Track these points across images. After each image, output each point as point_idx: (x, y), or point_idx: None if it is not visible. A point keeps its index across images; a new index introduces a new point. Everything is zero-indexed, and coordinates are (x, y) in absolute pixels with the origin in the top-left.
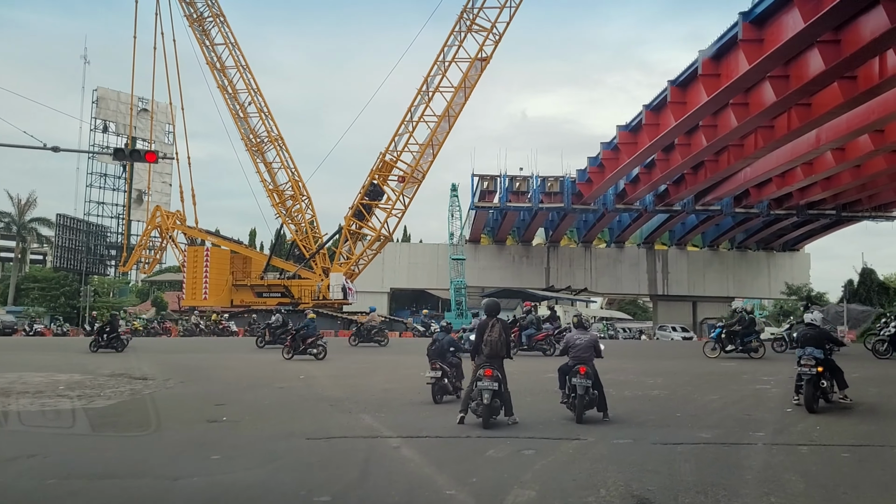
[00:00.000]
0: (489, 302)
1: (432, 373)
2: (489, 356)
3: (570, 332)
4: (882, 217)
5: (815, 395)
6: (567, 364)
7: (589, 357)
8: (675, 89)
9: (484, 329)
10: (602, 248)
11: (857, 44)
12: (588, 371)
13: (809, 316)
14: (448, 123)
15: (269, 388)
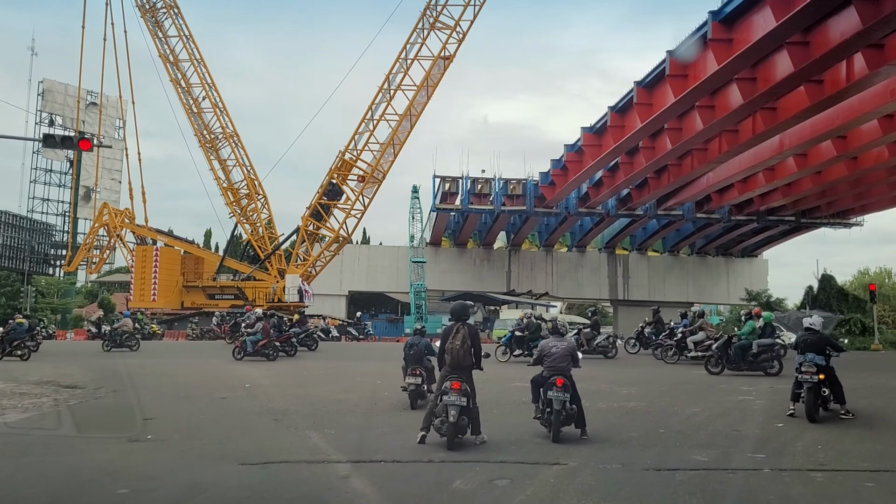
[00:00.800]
0: (456, 304)
1: (412, 379)
2: (452, 366)
3: (544, 340)
4: (840, 224)
5: (816, 405)
6: (542, 375)
7: (566, 367)
8: (641, 90)
9: (448, 335)
10: (563, 252)
11: (826, 46)
12: (566, 383)
13: (809, 320)
14: (410, 123)
15: (208, 399)
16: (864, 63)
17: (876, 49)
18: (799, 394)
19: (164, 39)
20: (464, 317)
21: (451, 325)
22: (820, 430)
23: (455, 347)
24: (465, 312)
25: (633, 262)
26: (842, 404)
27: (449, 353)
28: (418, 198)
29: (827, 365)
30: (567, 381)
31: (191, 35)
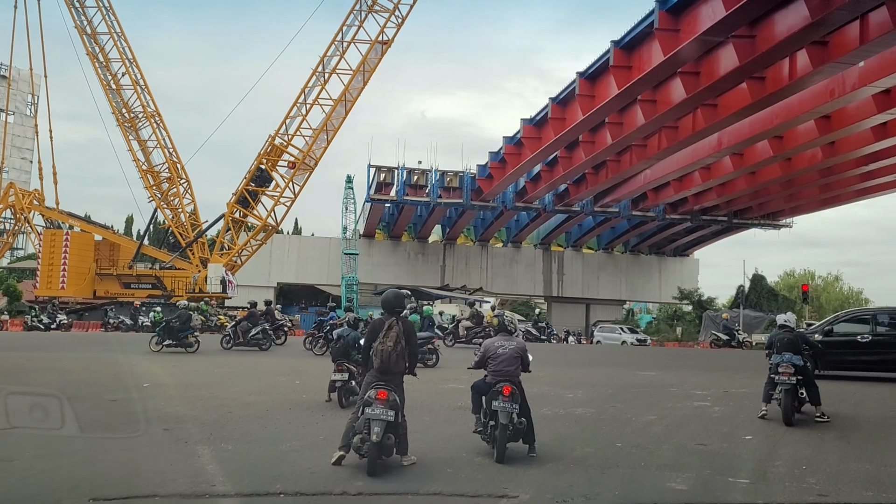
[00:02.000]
0: (389, 293)
1: (337, 375)
2: (381, 371)
3: (489, 339)
4: (770, 225)
5: (793, 407)
6: (485, 381)
7: (515, 372)
8: (583, 81)
9: (376, 332)
10: (499, 247)
11: (772, 41)
12: (514, 391)
13: (783, 317)
14: (345, 108)
15: (94, 402)
16: (807, 60)
17: (820, 46)
18: (772, 395)
19: (80, 10)
20: (398, 309)
21: (380, 320)
22: (793, 443)
23: (386, 349)
24: (399, 304)
25: (567, 259)
26: (817, 406)
27: (378, 354)
28: (352, 188)
29: (804, 365)
30: (515, 390)
31: (111, 7)
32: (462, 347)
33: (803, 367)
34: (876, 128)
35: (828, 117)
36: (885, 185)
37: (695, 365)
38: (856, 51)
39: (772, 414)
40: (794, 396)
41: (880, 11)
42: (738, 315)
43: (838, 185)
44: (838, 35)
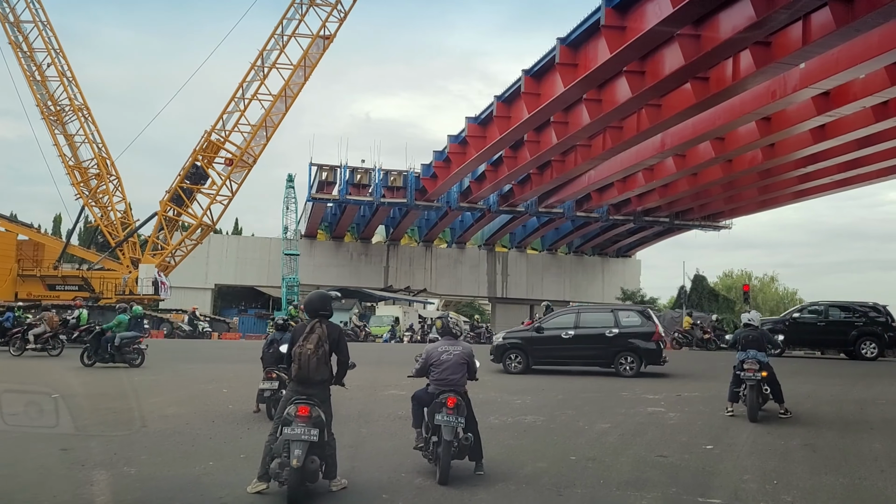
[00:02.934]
0: (313, 295)
1: (266, 384)
2: (300, 380)
3: (429, 345)
4: (710, 226)
5: (758, 404)
6: (427, 391)
7: (460, 380)
8: (529, 79)
9: (298, 337)
10: (443, 248)
11: (716, 40)
12: (459, 403)
13: (747, 316)
14: (285, 104)
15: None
16: (751, 61)
17: (763, 47)
18: (737, 392)
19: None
20: (323, 311)
21: (303, 324)
22: (758, 453)
23: (305, 353)
24: (323, 305)
25: (512, 260)
26: (780, 403)
27: (296, 359)
28: (293, 187)
29: (767, 363)
30: (461, 401)
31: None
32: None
33: (768, 365)
34: (814, 130)
35: (768, 119)
36: (822, 188)
37: None
38: (798, 52)
39: (738, 412)
40: (760, 392)
41: (823, 12)
42: (681, 315)
43: (776, 186)
44: (781, 36)
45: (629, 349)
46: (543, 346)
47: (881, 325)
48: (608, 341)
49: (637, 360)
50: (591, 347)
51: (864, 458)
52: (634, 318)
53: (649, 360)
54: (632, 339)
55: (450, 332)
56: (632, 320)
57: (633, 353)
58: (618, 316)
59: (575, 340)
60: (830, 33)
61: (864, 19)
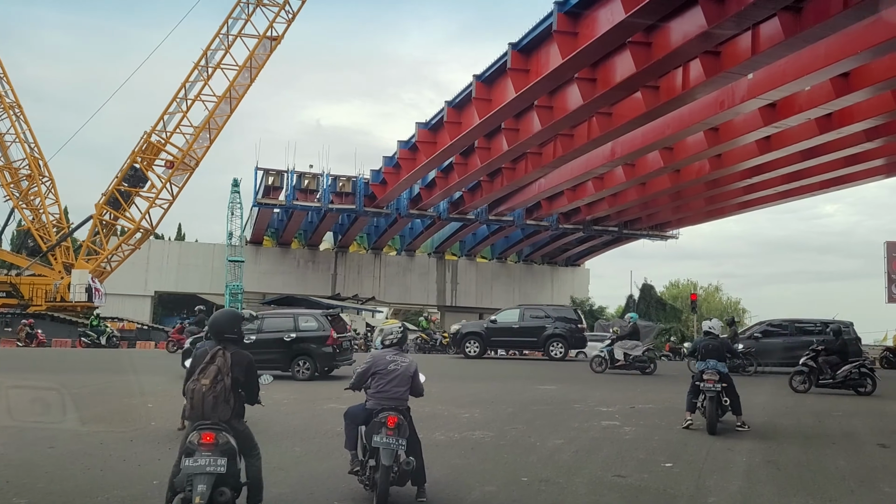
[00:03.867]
0: (219, 316)
1: None
2: (191, 418)
3: (376, 352)
4: (658, 236)
5: (717, 415)
6: (364, 407)
7: (404, 395)
8: (480, 84)
9: (197, 365)
10: (392, 255)
11: (668, 48)
12: (401, 423)
13: (708, 323)
14: (229, 106)
15: None
16: (700, 70)
17: (713, 56)
18: (695, 403)
19: None
20: (229, 335)
21: (203, 350)
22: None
23: (199, 390)
24: (231, 327)
25: (461, 268)
26: (738, 415)
27: (188, 396)
28: (239, 192)
29: (727, 373)
30: (402, 420)
31: None
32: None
33: (727, 375)
34: (760, 141)
35: (716, 129)
36: (765, 199)
37: (595, 378)
38: (747, 62)
39: (697, 422)
40: (719, 404)
41: (772, 23)
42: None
43: (722, 197)
44: (730, 45)
45: (305, 353)
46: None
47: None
48: (287, 345)
49: (312, 364)
50: (269, 352)
51: (830, 477)
52: (312, 322)
53: (324, 364)
54: (308, 343)
55: (401, 342)
56: (309, 324)
57: (308, 356)
58: (297, 320)
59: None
60: (778, 44)
61: (811, 30)
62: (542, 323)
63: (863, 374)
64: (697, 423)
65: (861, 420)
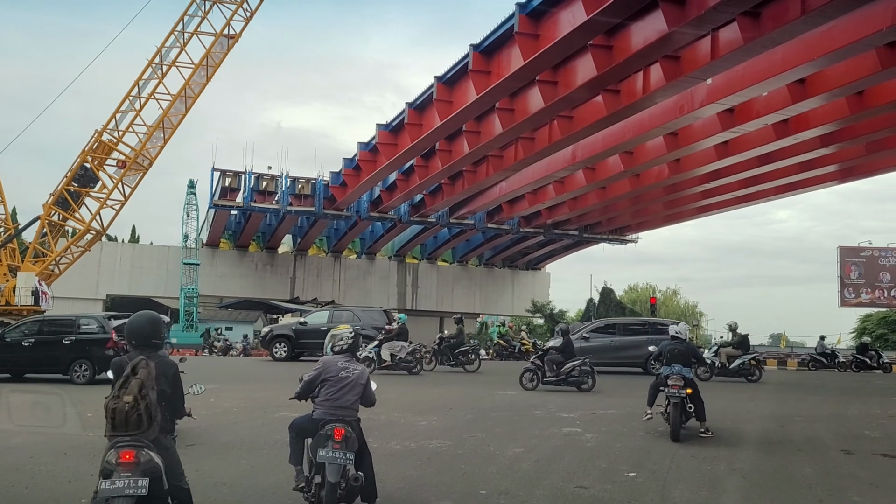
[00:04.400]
0: (138, 320)
1: None
2: (116, 429)
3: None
4: (618, 240)
5: (681, 422)
6: (311, 417)
7: (354, 405)
8: (441, 86)
9: (118, 376)
10: (353, 258)
11: (629, 51)
12: (348, 435)
13: (675, 327)
14: (185, 105)
15: None
16: (661, 74)
17: (673, 61)
18: (655, 397)
19: None
20: (155, 340)
21: (120, 359)
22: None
23: (121, 409)
24: (155, 332)
25: (422, 272)
26: (702, 421)
27: (109, 415)
28: (195, 193)
29: (692, 378)
30: (351, 433)
31: None
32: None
33: (692, 381)
34: (718, 146)
35: (676, 134)
36: (723, 203)
37: None
38: (706, 66)
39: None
40: (683, 410)
41: (731, 28)
42: None
43: (681, 202)
44: (690, 50)
45: (84, 356)
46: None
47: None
48: (66, 348)
49: (91, 367)
50: (48, 354)
51: (797, 486)
52: (93, 324)
53: (103, 368)
54: (88, 345)
55: (354, 348)
56: (90, 327)
57: (87, 359)
58: (78, 322)
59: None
60: (737, 49)
61: (769, 35)
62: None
63: (583, 371)
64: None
65: (824, 425)
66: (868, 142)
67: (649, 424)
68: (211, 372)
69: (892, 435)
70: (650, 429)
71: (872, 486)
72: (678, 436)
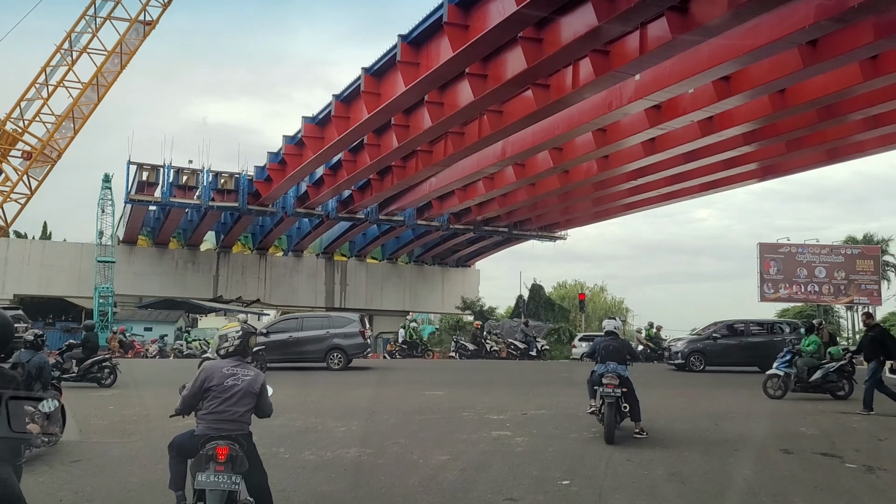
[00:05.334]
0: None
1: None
2: None
3: (209, 364)
4: (547, 237)
5: (616, 423)
6: (193, 434)
7: (244, 416)
8: (369, 78)
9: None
10: (279, 256)
11: (558, 44)
12: (234, 454)
13: (612, 323)
14: (97, 94)
15: None
16: (590, 69)
17: (602, 55)
18: (597, 391)
19: None
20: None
21: None
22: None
23: None
24: (6, 337)
25: (351, 269)
26: (637, 421)
27: None
28: (110, 188)
29: (627, 377)
30: (237, 451)
31: None
32: None
33: (627, 379)
34: (646, 143)
35: (604, 130)
36: (649, 201)
37: (487, 380)
38: (634, 62)
39: (587, 425)
40: (618, 410)
41: (659, 23)
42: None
43: (609, 198)
44: (619, 45)
45: None
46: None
47: None
48: None
49: None
50: None
51: (739, 491)
52: None
53: None
54: None
55: (240, 350)
56: None
57: None
58: None
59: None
60: (665, 44)
61: (697, 30)
62: None
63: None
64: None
65: (758, 422)
66: (788, 140)
67: (582, 425)
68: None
69: (828, 432)
70: (583, 429)
71: (817, 489)
72: (613, 438)
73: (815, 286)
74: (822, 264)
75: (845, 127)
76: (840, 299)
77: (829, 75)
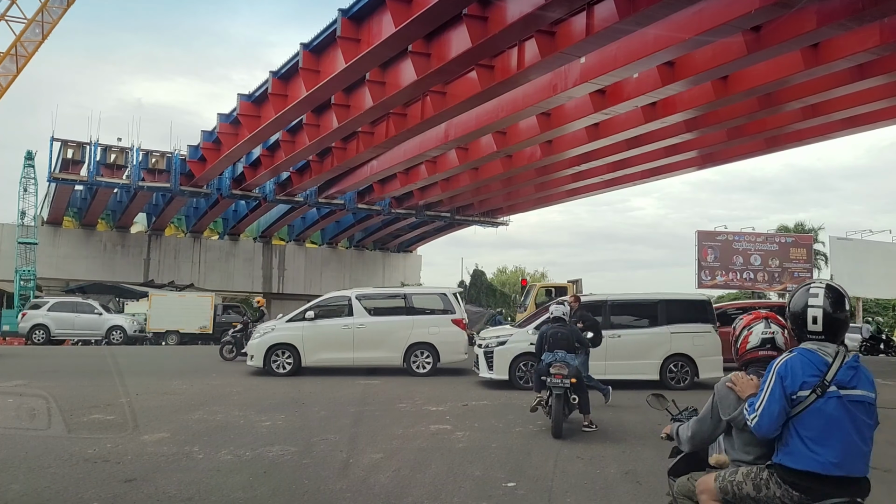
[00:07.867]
0: None
1: None
2: None
3: None
4: (490, 223)
5: (564, 416)
6: None
7: None
8: (308, 54)
9: None
10: (214, 239)
11: (503, 23)
12: None
13: (560, 308)
14: (15, 64)
15: None
16: (535, 50)
17: (548, 36)
18: (544, 382)
19: None
20: None
21: None
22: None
23: None
24: None
25: (289, 254)
26: (586, 414)
27: None
28: (33, 166)
29: (577, 366)
30: None
31: None
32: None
33: (577, 369)
34: (589, 128)
35: (548, 114)
36: (592, 187)
37: None
38: (580, 43)
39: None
40: (566, 402)
41: (607, 4)
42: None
43: (552, 184)
44: (565, 26)
45: None
46: None
47: None
48: None
49: None
50: None
51: None
52: None
53: None
54: None
55: None
56: None
57: None
58: None
59: None
60: (612, 25)
61: (644, 12)
62: None
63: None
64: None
65: None
66: (728, 128)
67: (527, 418)
68: (29, 364)
69: None
70: (528, 422)
71: None
72: (560, 432)
73: (750, 273)
74: (758, 252)
75: (784, 116)
76: (774, 287)
77: (770, 63)
